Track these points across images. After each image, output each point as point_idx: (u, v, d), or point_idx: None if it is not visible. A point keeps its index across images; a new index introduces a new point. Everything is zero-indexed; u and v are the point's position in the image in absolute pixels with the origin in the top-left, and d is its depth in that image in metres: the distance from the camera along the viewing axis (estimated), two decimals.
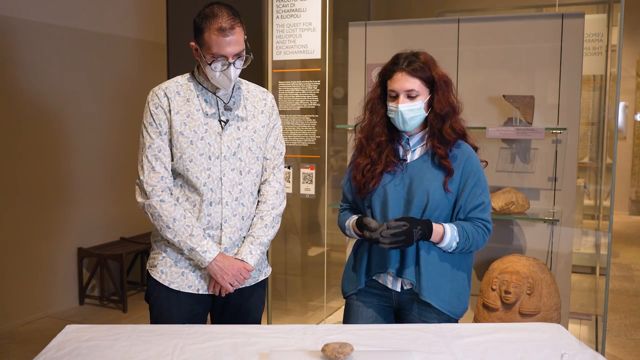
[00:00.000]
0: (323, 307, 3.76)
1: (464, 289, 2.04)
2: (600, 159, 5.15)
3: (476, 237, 1.98)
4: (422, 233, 1.90)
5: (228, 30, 1.89)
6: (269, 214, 2.11)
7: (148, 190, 1.97)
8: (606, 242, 3.02)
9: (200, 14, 1.93)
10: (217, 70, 1.94)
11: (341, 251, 3.74)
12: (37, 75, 4.09)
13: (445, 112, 1.98)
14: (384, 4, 4.76)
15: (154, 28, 4.98)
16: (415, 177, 2.00)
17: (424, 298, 1.97)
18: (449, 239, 1.95)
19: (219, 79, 1.97)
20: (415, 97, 1.96)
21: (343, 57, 3.67)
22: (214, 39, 1.90)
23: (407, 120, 1.98)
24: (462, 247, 1.97)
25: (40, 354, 1.63)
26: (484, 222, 2.00)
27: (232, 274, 2.00)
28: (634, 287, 4.94)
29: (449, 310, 2.00)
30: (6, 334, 3.88)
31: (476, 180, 1.99)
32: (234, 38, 1.91)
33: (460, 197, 1.99)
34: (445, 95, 1.99)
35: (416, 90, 1.96)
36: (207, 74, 1.98)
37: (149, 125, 1.99)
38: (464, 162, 1.99)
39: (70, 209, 4.36)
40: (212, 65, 1.93)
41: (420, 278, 1.97)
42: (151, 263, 2.08)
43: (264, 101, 2.15)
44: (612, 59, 4.63)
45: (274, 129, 2.16)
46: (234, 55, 1.93)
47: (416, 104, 1.97)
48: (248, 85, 2.16)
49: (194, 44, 1.97)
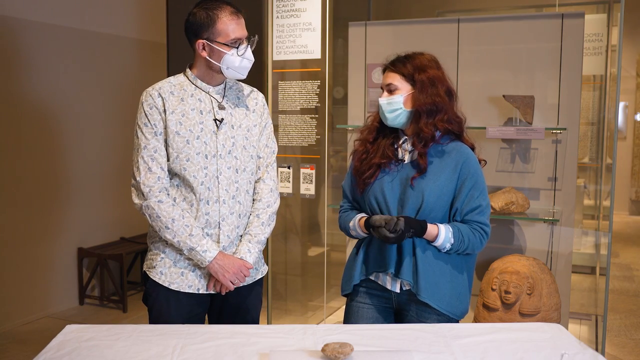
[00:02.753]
0: (323, 307, 3.75)
1: (464, 289, 2.04)
2: (600, 159, 5.15)
3: (472, 240, 1.97)
4: (414, 233, 1.92)
5: (239, 13, 1.98)
6: (264, 211, 2.12)
7: (145, 191, 1.96)
8: (606, 242, 3.02)
9: (203, 10, 1.95)
10: (240, 55, 1.98)
11: (341, 251, 3.74)
12: (38, 76, 4.09)
13: (422, 109, 1.99)
14: (384, 4, 4.76)
15: (154, 28, 4.98)
16: (410, 178, 2.00)
17: (422, 298, 1.96)
18: (442, 239, 1.95)
19: (240, 65, 2.00)
20: (394, 90, 2.02)
21: (343, 57, 3.67)
22: (231, 24, 1.96)
23: (386, 113, 2.02)
24: (457, 249, 1.97)
25: (40, 354, 1.63)
26: (481, 225, 1.99)
27: (232, 272, 2.01)
28: (634, 287, 4.94)
29: (449, 310, 1.99)
30: (6, 334, 3.88)
31: (473, 183, 1.98)
32: (243, 21, 2.00)
33: (456, 200, 1.98)
34: (428, 93, 1.99)
35: (394, 84, 2.02)
36: (225, 64, 1.98)
37: (144, 126, 1.98)
38: (461, 164, 1.98)
39: (70, 209, 4.36)
40: (232, 52, 1.97)
41: (418, 278, 1.97)
42: (149, 264, 2.08)
43: (255, 100, 2.16)
44: (612, 59, 4.63)
45: (265, 127, 2.17)
46: (246, 38, 2.01)
47: (394, 98, 2.01)
48: (239, 85, 2.17)
49: (202, 41, 1.97)
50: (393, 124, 2.04)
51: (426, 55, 2.07)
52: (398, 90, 2.02)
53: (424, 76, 2.00)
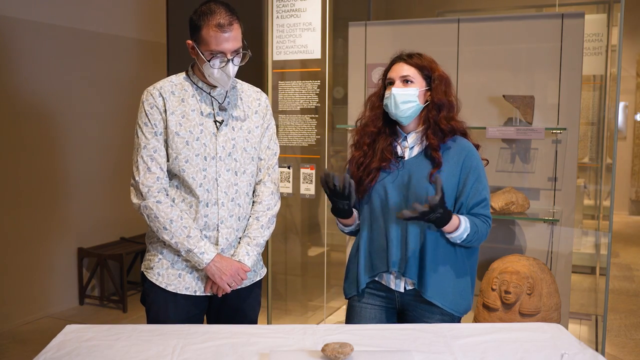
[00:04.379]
0: (323, 307, 3.76)
1: (467, 286, 2.03)
2: (600, 159, 5.15)
3: (482, 231, 1.97)
4: (441, 218, 1.84)
5: (226, 26, 1.89)
6: (264, 214, 2.11)
7: (144, 191, 1.95)
8: (606, 242, 3.02)
9: (197, 12, 1.93)
10: (215, 67, 1.92)
11: (341, 251, 3.74)
12: (37, 75, 4.09)
13: (442, 102, 2.00)
14: (384, 4, 4.76)
15: (154, 28, 4.98)
16: (413, 174, 1.99)
17: (428, 297, 1.95)
18: (462, 229, 1.92)
19: (217, 77, 1.95)
20: (410, 83, 1.99)
21: (343, 57, 3.67)
22: (213, 35, 1.89)
23: (399, 104, 1.97)
24: (470, 239, 1.96)
25: (40, 354, 1.63)
26: (487, 218, 2.00)
27: (230, 275, 2.00)
28: (634, 287, 4.94)
29: (452, 308, 1.98)
30: (6, 334, 3.88)
31: (477, 176, 1.98)
32: (232, 34, 1.91)
33: (462, 194, 1.98)
34: (444, 90, 2.01)
35: (411, 76, 2.00)
36: (205, 72, 1.95)
37: (144, 126, 1.97)
38: (463, 158, 1.98)
39: (70, 209, 4.36)
40: (210, 62, 1.92)
41: (423, 277, 1.96)
42: (147, 265, 2.07)
43: (258, 101, 2.14)
44: (612, 59, 4.63)
45: (267, 129, 2.15)
46: (232, 52, 1.92)
47: (410, 90, 1.98)
48: (242, 85, 2.15)
49: (190, 42, 1.96)
50: (400, 117, 2.00)
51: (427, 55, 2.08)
52: (413, 84, 1.99)
53: (439, 73, 2.02)
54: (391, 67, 2.05)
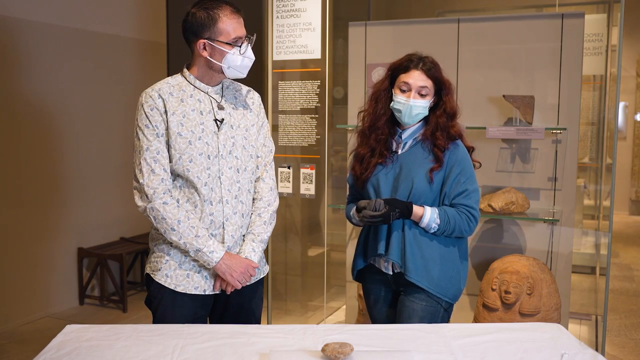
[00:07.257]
0: (323, 307, 3.76)
1: (455, 272, 2.12)
2: (600, 159, 5.15)
3: (459, 222, 2.07)
4: (401, 214, 2.02)
5: (238, 12, 1.99)
6: (266, 210, 2.13)
7: (150, 193, 1.94)
8: (606, 242, 3.02)
9: (200, 12, 1.95)
10: (242, 54, 1.99)
11: (341, 251, 3.74)
12: (37, 76, 4.09)
13: (454, 111, 2.13)
14: (384, 4, 4.76)
15: (154, 28, 4.98)
16: (403, 167, 2.12)
17: (410, 279, 2.07)
18: (428, 219, 2.05)
19: (242, 64, 2.01)
20: (425, 95, 2.10)
21: (343, 57, 3.67)
22: (233, 22, 1.97)
23: (413, 115, 2.10)
24: (444, 229, 2.07)
25: (40, 354, 1.63)
26: (468, 209, 2.08)
27: (240, 272, 2.01)
28: (634, 287, 4.94)
29: (439, 292, 2.08)
30: (6, 334, 3.88)
31: (460, 169, 2.09)
32: (242, 20, 2.01)
33: (445, 185, 2.10)
34: (453, 98, 2.15)
35: (428, 88, 2.10)
36: (227, 64, 1.99)
37: (145, 128, 1.96)
38: (448, 153, 2.10)
39: (71, 209, 4.36)
40: (235, 50, 1.97)
41: (405, 259, 2.07)
42: (153, 267, 2.05)
43: (251, 100, 2.17)
44: (612, 59, 4.63)
45: (262, 127, 2.18)
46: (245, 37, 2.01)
47: (424, 102, 2.10)
48: (235, 84, 2.17)
49: (203, 41, 1.97)
50: (407, 123, 2.13)
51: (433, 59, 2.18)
52: (428, 96, 2.11)
53: (448, 83, 2.15)
54: (407, 70, 2.11)
